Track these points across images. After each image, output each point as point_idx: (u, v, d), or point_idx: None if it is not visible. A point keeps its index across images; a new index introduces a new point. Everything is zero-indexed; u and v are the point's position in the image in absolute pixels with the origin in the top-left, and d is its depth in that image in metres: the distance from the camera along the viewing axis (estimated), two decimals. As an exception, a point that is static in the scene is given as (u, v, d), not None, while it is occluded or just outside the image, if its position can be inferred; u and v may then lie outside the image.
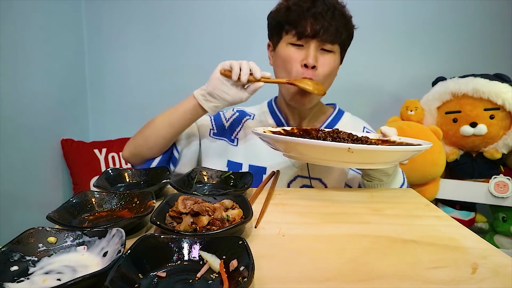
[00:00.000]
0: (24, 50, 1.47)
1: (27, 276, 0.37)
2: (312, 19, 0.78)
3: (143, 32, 1.90)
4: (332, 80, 0.87)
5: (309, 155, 0.65)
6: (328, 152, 0.60)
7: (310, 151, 0.62)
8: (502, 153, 1.46)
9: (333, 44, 0.81)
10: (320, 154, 0.62)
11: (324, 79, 0.82)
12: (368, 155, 0.60)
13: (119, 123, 1.95)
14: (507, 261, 0.44)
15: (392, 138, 0.76)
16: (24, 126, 1.48)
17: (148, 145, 0.84)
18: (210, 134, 0.94)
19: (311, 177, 0.89)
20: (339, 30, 0.80)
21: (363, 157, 0.61)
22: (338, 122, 0.95)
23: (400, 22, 1.83)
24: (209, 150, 0.92)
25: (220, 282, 0.36)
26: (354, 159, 0.60)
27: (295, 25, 0.80)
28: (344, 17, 0.82)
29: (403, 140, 0.74)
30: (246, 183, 0.66)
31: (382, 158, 0.63)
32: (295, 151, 0.65)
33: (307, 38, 0.80)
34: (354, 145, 0.56)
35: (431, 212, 0.61)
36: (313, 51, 0.79)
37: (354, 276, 0.39)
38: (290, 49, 0.82)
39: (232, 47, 1.89)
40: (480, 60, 1.79)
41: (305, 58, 0.80)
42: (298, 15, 0.80)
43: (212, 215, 0.48)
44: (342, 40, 0.82)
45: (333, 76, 0.86)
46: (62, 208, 0.50)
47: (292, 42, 0.82)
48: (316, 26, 0.78)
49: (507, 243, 1.50)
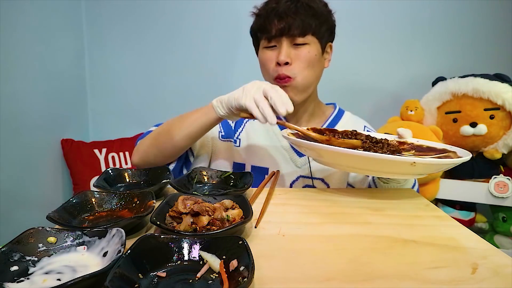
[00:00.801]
0: (24, 50, 1.47)
1: (27, 276, 0.37)
2: (277, 18, 0.80)
3: (143, 32, 1.89)
4: (316, 71, 0.85)
5: (357, 167, 0.62)
6: (389, 165, 0.57)
7: (367, 164, 0.59)
8: (502, 153, 1.46)
9: (303, 36, 0.81)
10: (376, 166, 0.59)
11: (302, 72, 0.82)
12: (427, 168, 0.58)
13: (119, 123, 1.95)
14: (507, 261, 0.44)
15: (409, 140, 0.76)
16: (24, 126, 1.48)
17: (164, 155, 0.82)
18: (219, 136, 0.93)
19: (313, 177, 0.89)
20: (306, 21, 0.80)
21: (422, 169, 0.58)
22: (338, 121, 0.95)
23: (400, 22, 1.83)
24: (219, 152, 0.93)
25: (220, 282, 0.36)
26: (410, 171, 0.57)
27: (264, 29, 0.83)
28: (310, 7, 0.81)
29: (421, 143, 0.75)
30: (246, 183, 0.66)
31: (434, 169, 0.61)
32: (340, 162, 0.63)
33: (276, 38, 0.82)
34: (418, 159, 0.55)
35: (431, 212, 0.61)
36: (285, 48, 0.81)
37: (354, 276, 0.39)
38: (265, 52, 0.85)
39: (232, 47, 1.89)
40: (480, 60, 1.79)
41: (277, 56, 0.82)
42: (264, 19, 0.82)
43: (212, 215, 0.48)
44: (313, 30, 0.82)
45: (314, 68, 0.84)
46: (62, 208, 0.50)
47: (266, 45, 0.85)
48: (281, 25, 0.80)
49: (507, 243, 1.50)
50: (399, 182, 0.76)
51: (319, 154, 0.66)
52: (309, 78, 0.84)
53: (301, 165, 0.89)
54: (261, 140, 0.93)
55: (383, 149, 0.67)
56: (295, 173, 0.89)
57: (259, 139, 0.93)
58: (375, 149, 0.66)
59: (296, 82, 0.82)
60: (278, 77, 0.82)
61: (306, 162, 0.89)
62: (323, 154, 0.64)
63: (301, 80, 0.83)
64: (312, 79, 0.85)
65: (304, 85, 0.84)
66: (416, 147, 0.74)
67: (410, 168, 0.56)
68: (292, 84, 0.82)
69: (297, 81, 0.82)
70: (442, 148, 0.70)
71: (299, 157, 0.90)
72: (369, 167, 0.61)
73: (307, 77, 0.84)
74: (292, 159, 0.90)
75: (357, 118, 0.99)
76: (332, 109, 0.98)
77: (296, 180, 0.89)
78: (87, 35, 1.90)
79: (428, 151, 0.71)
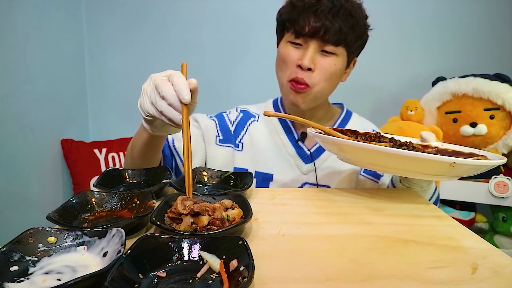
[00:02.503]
0: (24, 50, 1.47)
1: (27, 276, 0.37)
2: (313, 17, 0.73)
3: (143, 32, 1.89)
4: (334, 84, 0.82)
5: (390, 166, 0.60)
6: (428, 165, 0.55)
7: (403, 163, 0.56)
8: (502, 153, 1.46)
9: (335, 46, 0.75)
10: (413, 166, 0.57)
11: (320, 82, 0.77)
12: (467, 169, 0.56)
13: (119, 123, 1.95)
14: (507, 261, 0.44)
15: (433, 144, 0.73)
16: (24, 126, 1.48)
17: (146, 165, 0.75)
18: (216, 141, 0.89)
19: (319, 184, 0.86)
20: (343, 30, 0.73)
21: (461, 170, 0.56)
22: (347, 124, 0.92)
23: (400, 22, 1.83)
24: (216, 158, 0.87)
25: (220, 282, 0.36)
26: (448, 172, 0.55)
27: (294, 22, 0.75)
28: (351, 17, 0.75)
29: (446, 146, 0.72)
30: (246, 183, 0.66)
31: (474, 170, 0.58)
32: (376, 161, 0.60)
33: (305, 37, 0.75)
34: (459, 160, 0.52)
35: (431, 212, 0.61)
36: (311, 52, 0.75)
37: (354, 276, 0.39)
38: (288, 48, 0.78)
39: (232, 47, 1.89)
40: (480, 60, 1.79)
41: (301, 58, 0.75)
42: (299, 12, 0.75)
43: (212, 215, 0.48)
44: (347, 42, 0.76)
45: (333, 80, 0.80)
46: (62, 208, 0.50)
47: (291, 40, 0.78)
48: (316, 25, 0.73)
49: (507, 243, 1.50)
50: (422, 187, 0.71)
51: (354, 152, 0.62)
52: (325, 90, 0.80)
53: (306, 172, 0.87)
54: (266, 145, 0.88)
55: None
56: (301, 179, 0.87)
57: (264, 144, 0.89)
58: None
59: (311, 91, 0.78)
60: (295, 80, 0.77)
61: (312, 169, 0.86)
62: (359, 152, 0.60)
63: (317, 91, 0.78)
64: (327, 92, 0.82)
65: (318, 96, 0.80)
66: (440, 151, 0.71)
67: (448, 169, 0.53)
68: (306, 92, 0.78)
69: (313, 91, 0.78)
70: (469, 152, 0.67)
71: (305, 164, 0.87)
72: (405, 166, 0.58)
73: (323, 89, 0.79)
74: (298, 165, 0.87)
75: (365, 121, 0.96)
76: (339, 111, 0.95)
77: (301, 187, 0.87)
78: (87, 35, 1.90)
79: (455, 155, 0.68)
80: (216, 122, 0.91)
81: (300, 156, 0.87)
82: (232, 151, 0.89)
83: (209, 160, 0.87)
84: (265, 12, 0.91)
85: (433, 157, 0.53)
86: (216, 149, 0.88)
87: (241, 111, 0.95)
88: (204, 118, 0.92)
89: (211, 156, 0.88)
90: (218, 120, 0.92)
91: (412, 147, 0.68)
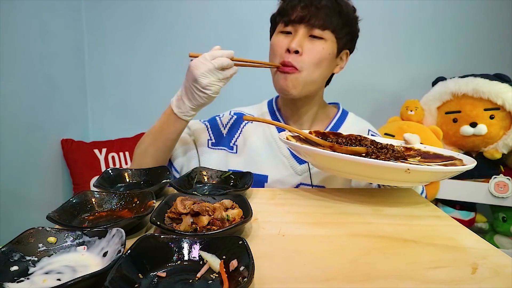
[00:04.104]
0: (24, 50, 1.47)
1: (27, 276, 0.37)
2: (301, 5, 0.78)
3: (143, 32, 1.89)
4: (324, 71, 0.82)
5: (352, 172, 0.61)
6: (382, 171, 0.55)
7: (359, 169, 0.58)
8: (502, 153, 1.46)
9: (322, 29, 0.78)
10: (370, 172, 0.58)
11: (309, 67, 0.78)
12: (423, 175, 0.57)
13: (119, 123, 1.95)
14: (507, 261, 0.44)
15: (416, 146, 0.73)
16: (24, 126, 1.48)
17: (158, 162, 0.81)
18: (209, 145, 0.89)
19: (313, 185, 0.86)
20: (329, 15, 0.77)
21: (417, 177, 0.56)
22: (342, 124, 0.92)
23: (400, 22, 1.83)
24: (209, 162, 0.87)
25: (220, 282, 0.36)
26: (406, 178, 0.55)
27: (284, 13, 0.80)
28: (337, 4, 0.79)
29: (428, 149, 0.72)
30: (246, 183, 0.66)
31: (430, 177, 0.59)
32: (335, 166, 0.61)
33: (294, 24, 0.79)
34: (413, 166, 0.53)
35: (431, 212, 0.61)
36: (299, 37, 0.77)
37: (354, 276, 0.39)
38: (279, 37, 0.81)
39: (233, 47, 1.89)
40: (480, 60, 1.79)
41: (289, 43, 0.78)
42: (288, 3, 0.80)
43: (212, 215, 0.48)
44: (334, 27, 0.79)
45: (323, 66, 0.80)
46: (62, 208, 0.50)
47: (281, 29, 0.81)
48: (303, 12, 0.77)
49: (507, 243, 1.50)
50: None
51: (314, 159, 0.64)
52: (315, 75, 0.80)
53: (301, 173, 0.87)
54: (260, 146, 0.89)
55: (387, 154, 0.65)
56: (296, 180, 0.87)
57: (258, 146, 0.89)
58: (379, 154, 0.64)
59: (299, 75, 0.78)
60: (283, 63, 0.79)
61: (306, 170, 0.86)
62: (317, 159, 0.63)
63: (306, 75, 0.79)
64: (317, 77, 0.81)
65: (307, 81, 0.80)
66: (422, 154, 0.71)
67: (405, 175, 0.54)
68: (295, 76, 0.78)
69: (301, 75, 0.78)
70: (449, 155, 0.68)
71: (299, 164, 0.87)
72: (365, 173, 0.59)
73: (313, 73, 0.79)
74: (292, 166, 0.87)
75: (361, 120, 0.96)
76: (335, 110, 0.95)
77: (296, 187, 0.86)
78: (87, 35, 1.90)
79: (435, 158, 0.68)
80: (208, 126, 0.92)
81: (294, 156, 0.88)
82: (226, 154, 0.89)
83: (203, 163, 0.88)
84: (265, 12, 0.90)
85: (387, 164, 0.54)
86: (209, 153, 0.89)
87: (234, 114, 0.95)
88: (196, 123, 0.93)
89: (204, 159, 0.88)
90: (210, 124, 0.93)
91: (392, 150, 0.68)
